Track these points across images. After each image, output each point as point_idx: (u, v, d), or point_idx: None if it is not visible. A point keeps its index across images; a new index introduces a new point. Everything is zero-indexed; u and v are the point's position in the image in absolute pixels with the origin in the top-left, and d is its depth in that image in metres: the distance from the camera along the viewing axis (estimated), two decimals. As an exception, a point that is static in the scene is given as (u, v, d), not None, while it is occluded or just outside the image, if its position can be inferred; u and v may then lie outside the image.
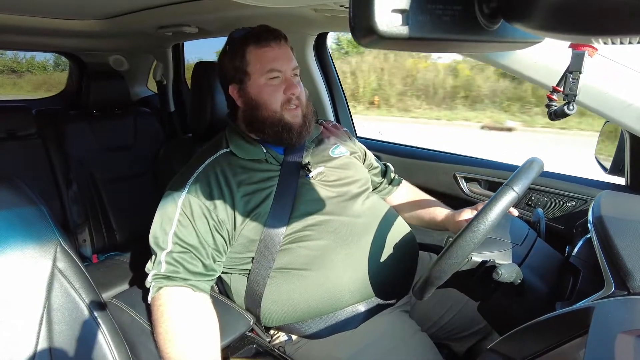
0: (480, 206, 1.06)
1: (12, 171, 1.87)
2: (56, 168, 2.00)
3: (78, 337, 0.82)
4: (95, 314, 0.84)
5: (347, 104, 1.90)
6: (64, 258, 0.84)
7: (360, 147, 1.32)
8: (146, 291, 0.97)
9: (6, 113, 1.95)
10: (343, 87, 1.90)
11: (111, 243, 2.08)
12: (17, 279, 0.79)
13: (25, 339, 0.78)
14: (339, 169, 1.15)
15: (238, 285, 1.08)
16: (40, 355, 0.79)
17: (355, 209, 1.10)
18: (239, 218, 1.01)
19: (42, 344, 0.79)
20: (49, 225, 0.86)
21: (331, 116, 1.84)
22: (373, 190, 1.27)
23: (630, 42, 0.30)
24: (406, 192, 1.34)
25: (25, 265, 0.80)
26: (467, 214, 1.10)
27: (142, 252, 1.59)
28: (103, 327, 0.84)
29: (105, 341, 0.84)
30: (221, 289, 1.15)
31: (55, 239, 0.85)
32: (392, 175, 1.35)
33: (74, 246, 1.53)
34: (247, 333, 1.05)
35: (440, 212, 1.22)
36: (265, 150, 1.09)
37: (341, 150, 1.21)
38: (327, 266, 1.01)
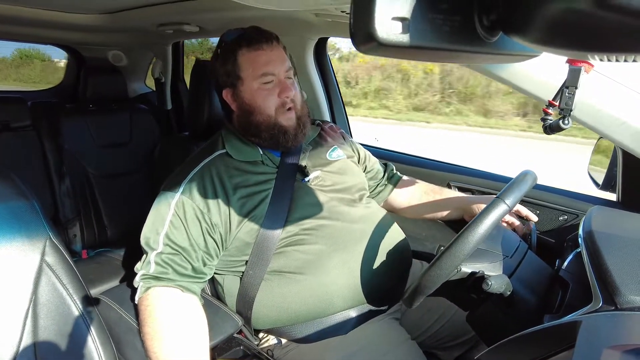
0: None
1: (5, 163, 1.86)
2: (49, 161, 1.98)
3: (64, 332, 0.81)
4: (83, 309, 0.83)
5: (344, 108, 1.91)
6: (53, 252, 0.84)
7: (357, 149, 1.31)
8: (135, 289, 0.97)
9: (0, 104, 1.93)
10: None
11: (102, 239, 2.06)
12: (3, 272, 0.78)
13: (9, 333, 0.77)
14: (335, 174, 1.15)
15: (231, 286, 1.07)
16: (24, 350, 0.78)
17: (352, 214, 1.09)
18: (234, 221, 1.00)
19: (27, 339, 0.78)
20: (39, 218, 0.85)
21: (328, 119, 1.84)
22: (374, 191, 1.28)
23: (626, 60, 0.31)
24: (410, 186, 1.34)
25: (12, 258, 0.80)
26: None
27: (133, 250, 1.59)
28: (90, 323, 0.84)
29: (91, 338, 0.83)
30: (212, 290, 1.15)
31: (45, 233, 0.84)
32: (393, 172, 1.35)
33: (64, 241, 1.52)
34: (235, 335, 1.04)
35: (453, 200, 1.23)
36: (261, 152, 1.09)
37: (338, 154, 1.21)
38: (321, 271, 1.00)
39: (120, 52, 2.38)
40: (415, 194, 1.33)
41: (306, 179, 1.10)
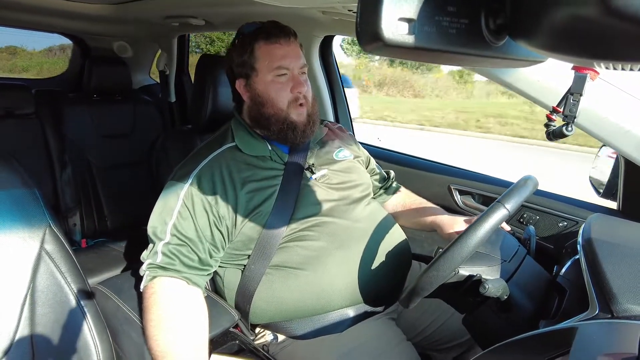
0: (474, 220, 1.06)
1: (7, 150, 1.86)
2: (52, 149, 1.99)
3: (60, 320, 0.82)
4: (80, 298, 0.84)
5: (348, 108, 1.90)
6: (52, 240, 0.84)
7: (363, 151, 1.32)
8: (133, 279, 0.97)
9: (5, 91, 1.93)
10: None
11: (101, 229, 2.07)
12: (2, 259, 0.79)
13: (6, 319, 0.77)
14: (342, 173, 1.15)
15: (231, 279, 1.07)
16: (20, 337, 0.78)
17: (356, 213, 1.10)
18: (240, 215, 1.00)
19: (24, 325, 0.79)
20: (40, 206, 0.85)
21: (332, 118, 1.84)
22: (375, 193, 1.27)
23: (631, 69, 0.31)
24: (402, 197, 1.34)
25: (12, 245, 0.80)
26: (460, 225, 1.10)
27: (132, 240, 1.59)
28: (87, 312, 0.84)
29: (87, 327, 0.83)
30: (210, 284, 1.15)
31: (45, 221, 0.84)
32: (393, 183, 1.35)
33: (64, 230, 1.52)
34: (231, 329, 1.05)
35: (433, 212, 1.21)
36: (270, 148, 1.09)
37: (345, 154, 1.21)
38: (322, 267, 1.01)
39: (126, 43, 2.39)
40: (400, 204, 1.32)
41: (313, 177, 1.10)
